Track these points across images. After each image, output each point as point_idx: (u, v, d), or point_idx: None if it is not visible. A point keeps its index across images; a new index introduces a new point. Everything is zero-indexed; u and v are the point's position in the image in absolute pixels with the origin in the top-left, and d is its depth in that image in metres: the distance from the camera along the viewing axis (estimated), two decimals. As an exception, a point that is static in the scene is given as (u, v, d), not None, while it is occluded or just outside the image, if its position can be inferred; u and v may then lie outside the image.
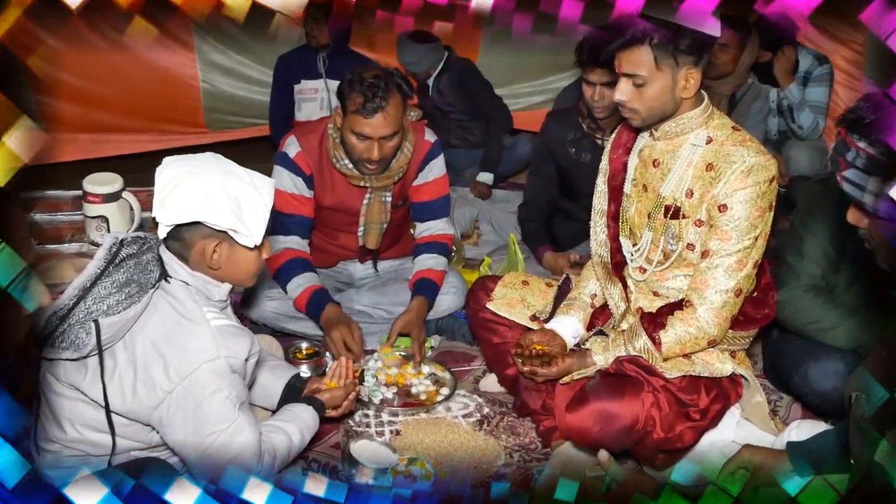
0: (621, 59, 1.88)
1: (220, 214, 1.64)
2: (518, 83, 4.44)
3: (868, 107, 1.27)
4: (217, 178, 1.65)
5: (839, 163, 1.30)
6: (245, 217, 1.67)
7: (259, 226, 1.70)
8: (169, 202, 1.64)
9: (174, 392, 1.63)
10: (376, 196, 2.53)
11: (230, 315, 1.82)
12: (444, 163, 2.66)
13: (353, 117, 2.32)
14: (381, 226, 2.60)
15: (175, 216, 1.64)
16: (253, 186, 1.70)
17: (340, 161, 2.45)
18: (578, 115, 2.88)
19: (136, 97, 4.04)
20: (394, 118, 2.32)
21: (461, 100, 3.87)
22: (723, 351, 2.04)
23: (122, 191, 2.71)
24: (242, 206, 1.67)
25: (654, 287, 2.08)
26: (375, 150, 2.34)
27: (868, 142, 1.24)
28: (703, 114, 1.93)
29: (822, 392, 2.10)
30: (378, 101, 2.27)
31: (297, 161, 2.49)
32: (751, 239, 1.88)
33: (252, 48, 4.20)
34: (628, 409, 1.86)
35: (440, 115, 3.95)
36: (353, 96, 2.30)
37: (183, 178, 1.65)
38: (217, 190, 1.64)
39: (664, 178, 1.98)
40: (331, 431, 2.16)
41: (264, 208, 1.71)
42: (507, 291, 2.32)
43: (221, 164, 1.71)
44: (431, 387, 2.38)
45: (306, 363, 2.35)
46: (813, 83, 3.64)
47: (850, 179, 1.28)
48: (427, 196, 2.65)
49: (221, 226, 1.65)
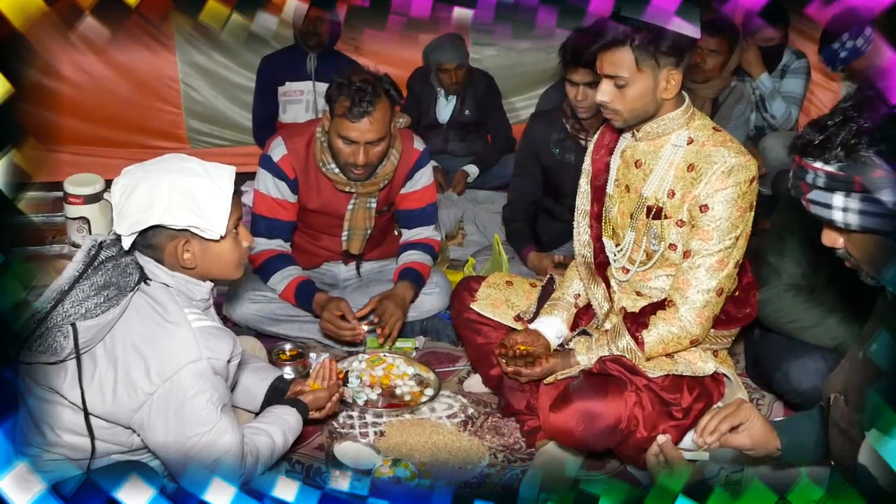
0: (602, 60, 1.89)
1: (175, 214, 1.61)
2: (510, 97, 4.47)
3: (814, 129, 1.28)
4: (167, 178, 1.62)
5: (801, 188, 1.31)
6: (204, 211, 1.63)
7: (220, 217, 1.65)
8: (125, 212, 1.62)
9: (155, 394, 1.61)
10: (361, 202, 2.53)
11: (212, 316, 1.80)
12: (432, 171, 2.66)
13: (340, 121, 2.31)
14: (364, 231, 2.60)
15: (132, 224, 1.62)
16: (208, 177, 1.65)
17: (327, 165, 2.44)
18: (562, 115, 2.89)
19: (117, 104, 3.96)
20: (381, 123, 2.31)
21: (478, 112, 3.93)
22: (705, 350, 2.05)
23: (103, 192, 2.69)
24: (199, 199, 1.63)
25: (637, 287, 2.09)
26: (361, 155, 2.33)
27: (822, 161, 1.26)
28: (685, 115, 1.94)
29: (803, 390, 2.12)
30: (365, 105, 2.26)
31: (281, 165, 2.48)
32: (732, 239, 1.90)
33: (234, 51, 4.16)
34: (611, 408, 1.87)
35: (451, 124, 3.95)
36: (341, 100, 2.29)
37: (135, 184, 1.62)
38: (168, 190, 1.61)
39: (646, 179, 1.99)
40: (315, 433, 2.15)
41: (224, 198, 1.66)
42: (491, 292, 2.32)
43: (174, 163, 1.67)
44: (416, 388, 2.38)
45: (290, 365, 2.35)
46: (790, 75, 3.76)
47: (815, 201, 1.29)
48: (415, 204, 2.65)
49: (178, 225, 1.63)
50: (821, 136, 1.26)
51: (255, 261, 2.52)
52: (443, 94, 3.90)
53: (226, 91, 4.19)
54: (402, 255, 2.68)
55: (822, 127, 1.27)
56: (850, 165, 1.23)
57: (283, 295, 2.52)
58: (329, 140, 2.39)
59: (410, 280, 2.58)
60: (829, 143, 1.25)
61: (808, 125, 1.31)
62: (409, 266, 2.62)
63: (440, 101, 3.92)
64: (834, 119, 1.26)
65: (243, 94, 4.12)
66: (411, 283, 2.57)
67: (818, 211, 1.30)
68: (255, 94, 3.92)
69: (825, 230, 1.35)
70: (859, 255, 1.33)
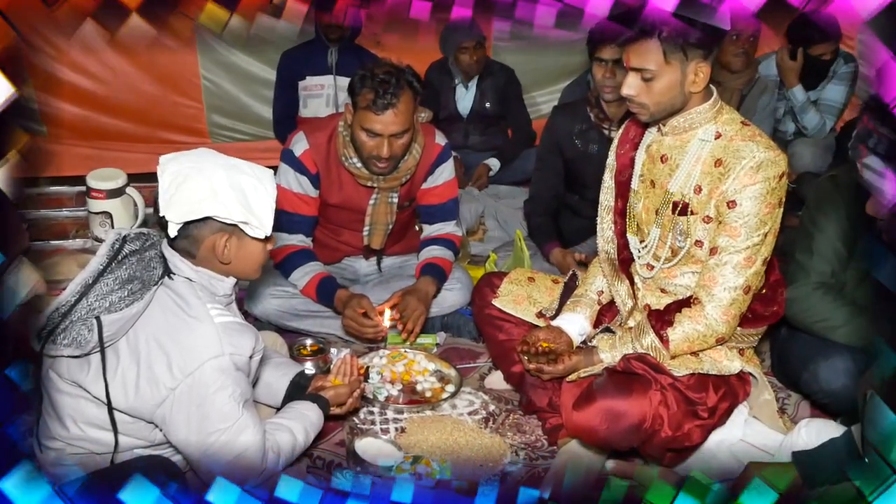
0: (629, 52, 1.86)
1: (231, 208, 1.63)
2: (531, 91, 4.44)
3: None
4: (221, 172, 1.65)
5: (860, 150, 1.28)
6: (253, 208, 1.66)
7: (268, 216, 1.69)
8: (176, 200, 1.62)
9: (178, 389, 1.62)
10: (383, 196, 2.51)
11: (235, 311, 1.80)
12: (453, 166, 2.65)
13: (364, 113, 2.29)
14: (386, 227, 2.58)
15: (185, 213, 1.63)
16: (256, 178, 1.69)
17: (349, 159, 2.43)
18: (587, 104, 2.86)
19: (139, 99, 3.98)
20: (404, 115, 2.30)
21: (498, 105, 3.91)
22: (731, 349, 2.01)
23: (125, 186, 2.71)
24: (249, 197, 1.66)
25: (661, 284, 2.06)
26: (385, 148, 2.32)
27: (891, 128, 1.22)
28: (712, 108, 1.91)
29: (832, 391, 2.08)
30: (389, 97, 2.25)
31: (303, 160, 2.47)
32: (760, 235, 1.86)
33: (254, 46, 4.17)
34: (636, 407, 1.84)
35: (471, 117, 3.94)
36: (364, 92, 2.27)
37: (187, 174, 1.64)
38: (223, 183, 1.63)
39: (672, 174, 1.95)
40: (335, 429, 2.15)
41: (269, 199, 1.70)
42: (513, 288, 2.30)
43: (221, 159, 1.70)
44: (437, 384, 2.36)
45: (311, 360, 2.34)
46: (834, 81, 3.60)
47: (869, 166, 1.27)
48: (436, 199, 2.64)
49: (233, 219, 1.64)
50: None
51: (276, 256, 2.52)
52: (462, 84, 3.88)
53: (246, 86, 4.20)
54: (423, 251, 2.66)
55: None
56: None
57: (305, 291, 2.52)
58: (352, 133, 2.38)
59: (432, 276, 2.57)
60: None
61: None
62: (431, 262, 2.60)
63: (459, 90, 3.90)
64: None
65: (264, 88, 4.13)
66: (433, 279, 2.56)
67: (870, 177, 1.28)
68: (276, 89, 3.93)
69: (872, 198, 1.32)
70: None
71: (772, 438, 2.01)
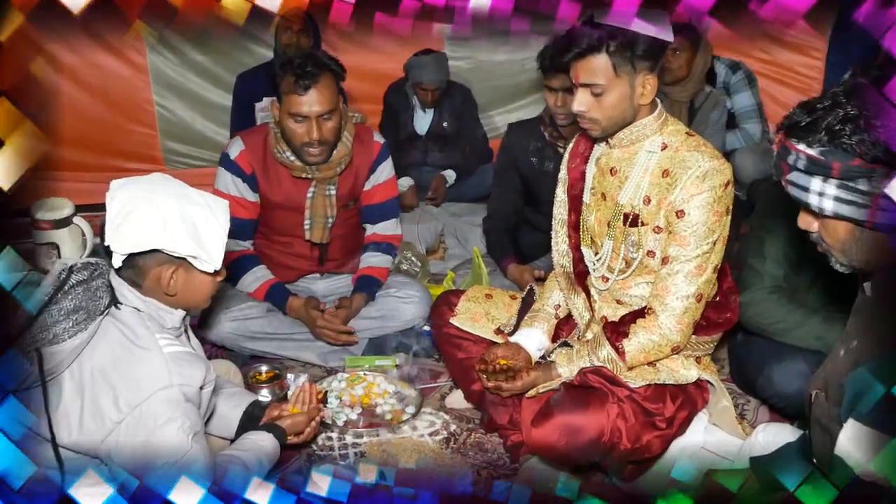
0: (578, 69, 1.86)
1: (179, 241, 1.59)
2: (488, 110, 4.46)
3: (802, 111, 1.28)
4: (172, 203, 1.60)
5: (782, 168, 1.32)
6: (203, 241, 1.62)
7: (218, 249, 1.65)
8: (123, 230, 1.58)
9: (124, 422, 1.57)
10: (320, 189, 2.54)
11: (184, 342, 1.76)
12: (392, 164, 2.70)
13: (288, 98, 2.33)
14: (325, 219, 2.59)
15: (131, 245, 1.58)
16: (208, 209, 1.65)
17: (283, 153, 2.46)
18: (541, 124, 2.87)
19: (89, 126, 3.91)
20: (327, 95, 2.33)
21: (456, 124, 3.96)
22: (687, 357, 2.02)
23: (73, 216, 2.65)
24: (200, 230, 1.62)
25: (617, 295, 2.06)
26: (315, 131, 2.35)
27: (806, 143, 1.26)
28: (658, 120, 1.92)
29: (786, 394, 2.09)
30: (309, 77, 2.30)
31: (238, 161, 2.50)
32: (709, 244, 1.87)
33: (208, 70, 4.13)
34: (593, 421, 1.83)
35: (429, 136, 3.96)
36: (286, 78, 2.33)
37: (136, 203, 1.59)
38: (173, 215, 1.59)
39: (622, 186, 1.96)
40: (293, 456, 2.10)
41: (221, 231, 1.66)
42: (471, 305, 2.29)
43: (174, 187, 1.65)
44: (397, 406, 2.33)
45: (266, 387, 2.29)
46: (735, 93, 3.70)
47: (793, 182, 1.30)
48: (379, 198, 2.68)
49: (180, 252, 1.60)
50: (808, 118, 1.26)
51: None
52: (419, 107, 3.90)
53: (202, 110, 4.17)
54: (363, 256, 2.72)
55: (811, 109, 1.26)
56: (831, 151, 1.23)
57: (254, 295, 2.55)
58: (282, 127, 2.42)
59: (366, 292, 2.64)
60: (815, 126, 1.24)
61: (798, 106, 1.31)
62: (366, 273, 2.67)
63: (417, 112, 3.92)
64: (823, 103, 1.25)
65: (220, 113, 4.10)
66: (367, 295, 2.64)
67: (795, 193, 1.31)
68: (233, 112, 3.90)
69: (801, 213, 1.36)
70: (831, 241, 1.34)
71: (732, 445, 2.01)
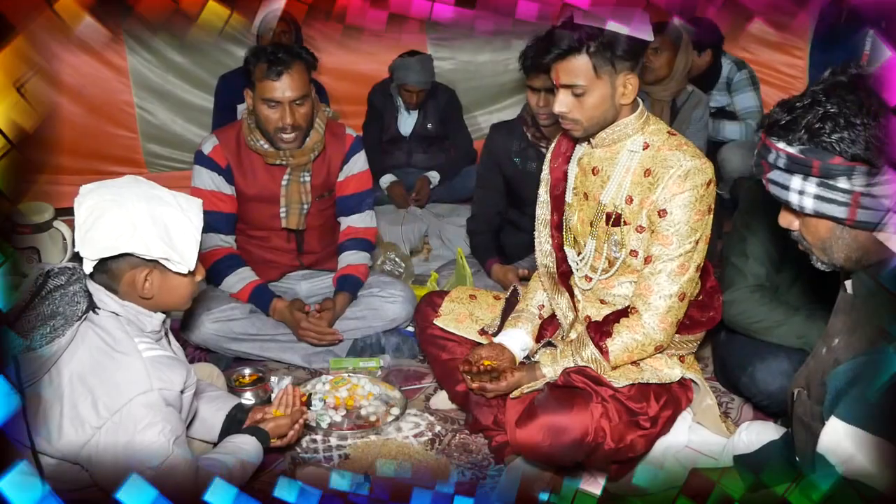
0: (558, 70, 1.86)
1: (150, 244, 1.57)
2: (473, 111, 4.46)
3: (782, 109, 1.29)
4: (142, 206, 1.58)
5: (763, 166, 1.32)
6: (175, 243, 1.61)
7: (191, 250, 1.64)
8: (92, 235, 1.56)
9: (104, 428, 1.55)
10: (295, 176, 2.56)
11: (165, 345, 1.74)
12: (366, 158, 2.73)
13: (262, 85, 2.37)
14: (301, 205, 2.60)
15: (100, 249, 1.57)
16: (180, 209, 1.63)
17: (256, 142, 2.49)
18: (523, 124, 2.87)
19: (70, 130, 3.88)
20: (300, 81, 2.38)
21: (440, 126, 3.97)
22: (671, 356, 2.03)
23: (53, 220, 2.62)
24: (171, 231, 1.61)
25: (600, 295, 2.06)
26: (288, 115, 2.38)
27: (786, 142, 1.27)
28: (639, 119, 1.92)
29: (769, 392, 2.10)
30: (282, 64, 2.35)
31: (213, 156, 2.52)
32: (691, 243, 1.88)
33: (189, 72, 4.10)
34: (577, 421, 1.83)
35: (413, 137, 3.96)
36: (259, 65, 2.38)
37: (105, 207, 1.57)
38: (143, 218, 1.57)
39: (604, 186, 1.96)
40: (277, 460, 2.09)
41: (194, 231, 1.64)
42: (455, 306, 2.28)
43: (144, 189, 1.64)
44: (381, 407, 2.32)
45: (250, 390, 2.28)
46: (737, 91, 3.73)
47: (774, 181, 1.31)
48: (352, 189, 2.71)
49: (152, 255, 1.58)
50: (788, 116, 1.27)
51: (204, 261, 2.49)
52: (404, 108, 3.89)
53: (183, 113, 4.14)
54: (340, 258, 2.73)
55: (791, 108, 1.27)
56: (811, 149, 1.24)
57: (238, 296, 2.55)
58: (256, 115, 2.44)
59: (348, 290, 2.66)
60: (795, 124, 1.25)
61: (778, 104, 1.32)
62: (346, 273, 2.68)
63: (402, 114, 3.91)
64: (803, 101, 1.26)
65: (201, 115, 4.07)
66: (349, 294, 2.66)
67: (776, 191, 1.31)
68: (214, 114, 3.87)
69: (782, 211, 1.37)
70: (812, 240, 1.34)
71: (717, 443, 2.02)
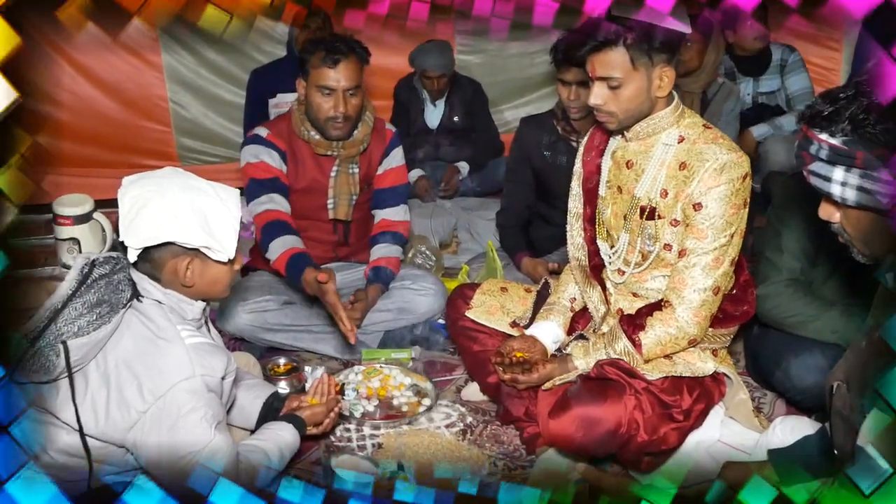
0: (594, 62, 1.86)
1: (190, 232, 1.62)
2: (499, 104, 4.46)
3: (825, 101, 1.28)
4: (182, 196, 1.63)
5: (804, 158, 1.32)
6: (215, 232, 1.65)
7: (230, 239, 1.68)
8: (136, 225, 1.61)
9: (148, 412, 1.60)
10: (343, 167, 2.60)
11: (206, 333, 1.78)
12: (403, 153, 2.77)
13: (317, 72, 2.44)
14: (349, 197, 2.64)
15: (144, 239, 1.62)
16: (219, 199, 1.68)
17: (308, 132, 2.55)
18: (553, 118, 2.88)
19: (105, 124, 3.95)
20: (354, 72, 2.46)
21: (466, 118, 3.97)
22: (704, 350, 2.03)
23: (92, 212, 2.67)
24: (210, 220, 1.65)
25: (633, 288, 2.07)
26: (341, 104, 2.44)
27: (829, 133, 1.26)
28: (674, 112, 1.93)
29: (804, 388, 2.09)
30: (339, 53, 2.42)
31: (271, 139, 2.58)
32: (726, 236, 1.88)
33: (222, 67, 4.15)
34: (611, 413, 1.84)
35: (440, 130, 3.97)
36: (316, 53, 2.44)
37: (147, 198, 1.62)
38: (184, 207, 1.62)
39: (638, 179, 1.97)
40: (312, 448, 2.12)
41: (233, 220, 1.69)
42: (486, 299, 2.30)
43: (184, 179, 1.69)
44: (413, 398, 2.35)
45: (284, 379, 2.32)
46: (791, 73, 3.72)
47: (815, 172, 1.30)
48: (389, 182, 2.74)
49: (192, 243, 1.63)
50: (831, 107, 1.26)
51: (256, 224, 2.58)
52: (429, 100, 3.91)
53: (215, 107, 4.19)
54: (373, 250, 2.74)
55: (834, 99, 1.26)
56: (854, 140, 1.23)
57: (276, 265, 2.51)
58: (308, 103, 2.50)
59: (381, 282, 2.67)
60: (838, 115, 1.24)
61: (821, 95, 1.31)
62: (378, 265, 2.69)
63: (428, 107, 3.93)
64: (846, 92, 1.25)
65: (233, 109, 4.12)
66: (382, 285, 2.67)
67: (817, 183, 1.30)
68: (246, 108, 3.91)
69: (822, 203, 1.36)
70: (853, 232, 1.34)
71: (749, 438, 2.01)
